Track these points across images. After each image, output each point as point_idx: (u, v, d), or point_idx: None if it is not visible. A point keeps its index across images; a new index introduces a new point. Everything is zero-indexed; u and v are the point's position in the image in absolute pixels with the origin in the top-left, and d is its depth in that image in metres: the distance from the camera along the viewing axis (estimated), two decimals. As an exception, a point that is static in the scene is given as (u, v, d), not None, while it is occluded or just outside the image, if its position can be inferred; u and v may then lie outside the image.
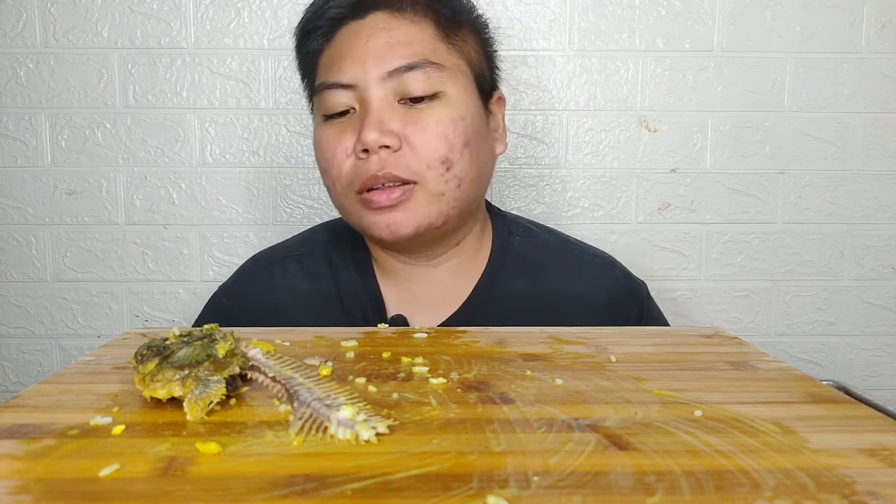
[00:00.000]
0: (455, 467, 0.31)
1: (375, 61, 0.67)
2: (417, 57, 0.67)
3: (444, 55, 0.69)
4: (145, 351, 0.40)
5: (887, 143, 1.09)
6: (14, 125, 1.05)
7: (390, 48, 0.67)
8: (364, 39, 0.68)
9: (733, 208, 1.09)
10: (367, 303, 0.75)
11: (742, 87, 1.07)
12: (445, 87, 0.68)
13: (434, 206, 0.67)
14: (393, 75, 0.66)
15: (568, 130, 1.07)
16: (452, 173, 0.67)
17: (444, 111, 0.67)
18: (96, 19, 1.03)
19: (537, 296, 0.75)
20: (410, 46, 0.67)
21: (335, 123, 0.69)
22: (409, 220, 0.67)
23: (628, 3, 1.05)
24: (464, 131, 0.68)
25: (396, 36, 0.68)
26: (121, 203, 1.07)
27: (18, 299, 1.08)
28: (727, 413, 0.39)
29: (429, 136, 0.66)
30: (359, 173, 0.67)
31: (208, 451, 0.33)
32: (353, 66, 0.67)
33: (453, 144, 0.67)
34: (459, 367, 0.47)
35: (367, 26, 0.68)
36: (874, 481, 0.30)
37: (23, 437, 0.35)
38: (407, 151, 0.66)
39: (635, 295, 0.79)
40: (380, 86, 0.67)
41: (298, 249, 0.80)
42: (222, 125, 1.06)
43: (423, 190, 0.67)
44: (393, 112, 0.67)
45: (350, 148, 0.67)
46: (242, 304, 0.78)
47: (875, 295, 1.12)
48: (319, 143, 0.70)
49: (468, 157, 0.68)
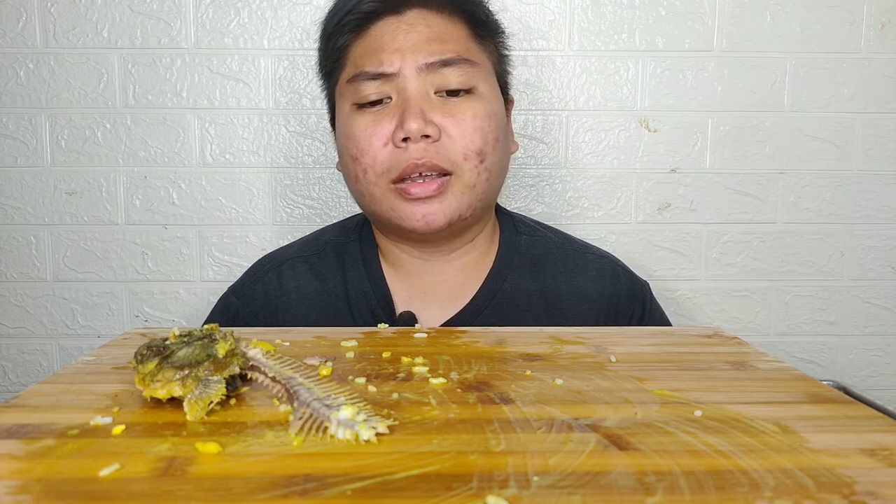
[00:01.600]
0: (455, 467, 0.31)
1: (415, 52, 0.69)
2: (454, 53, 0.70)
3: (476, 53, 0.72)
4: (145, 351, 0.40)
5: (887, 143, 1.09)
6: (14, 125, 1.05)
7: (428, 42, 0.69)
8: (403, 32, 0.70)
9: (733, 208, 1.09)
10: (376, 300, 0.75)
11: (742, 87, 1.07)
12: (478, 84, 0.71)
13: (466, 198, 0.69)
14: (431, 68, 0.69)
15: (568, 130, 1.07)
16: (485, 166, 0.70)
17: (480, 105, 0.70)
18: (96, 19, 1.03)
19: (542, 293, 0.76)
20: (447, 43, 0.70)
21: (369, 112, 0.70)
22: (445, 210, 0.68)
23: (628, 3, 1.05)
24: (496, 126, 0.71)
25: (434, 31, 0.70)
26: (121, 203, 1.07)
27: (18, 299, 1.08)
28: (727, 413, 0.39)
29: (467, 128, 0.68)
30: (397, 162, 0.68)
31: (208, 451, 0.33)
32: (393, 56, 0.69)
33: (488, 138, 0.69)
34: (459, 367, 0.47)
35: (406, 21, 0.70)
36: (874, 481, 0.30)
37: (23, 437, 0.35)
38: (446, 141, 0.68)
39: (638, 293, 0.80)
40: (418, 77, 0.69)
41: (307, 250, 0.81)
42: (222, 125, 1.06)
43: (459, 181, 0.69)
44: (432, 103, 0.69)
45: (387, 136, 0.68)
46: (252, 304, 0.78)
47: (875, 295, 1.12)
48: (351, 131, 0.70)
49: (498, 151, 0.71)
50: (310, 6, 1.04)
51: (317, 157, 1.07)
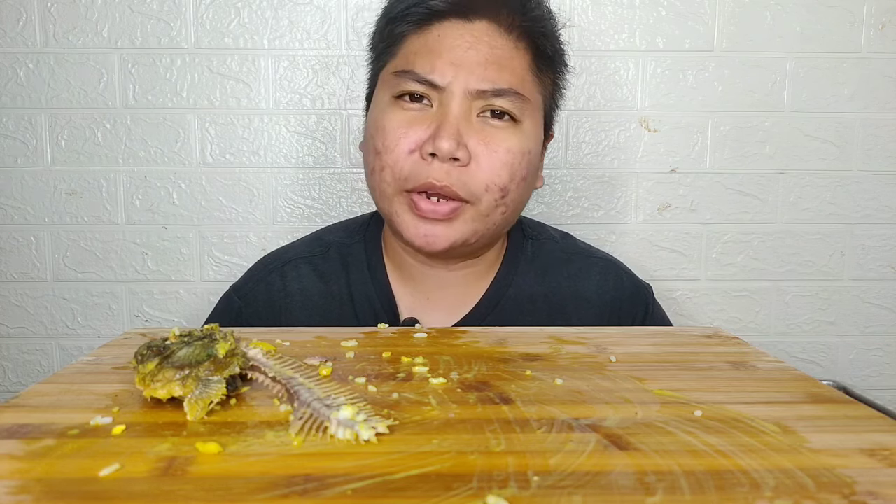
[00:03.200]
0: (455, 467, 0.31)
1: (470, 73, 0.65)
2: (508, 84, 0.66)
3: (530, 89, 0.69)
4: (145, 351, 0.40)
5: (887, 143, 1.09)
6: (14, 125, 1.05)
7: (487, 66, 0.66)
8: (465, 46, 0.66)
9: (733, 208, 1.09)
10: (380, 304, 0.74)
11: (742, 87, 1.07)
12: (524, 118, 0.68)
13: (476, 225, 0.67)
14: (481, 95, 0.66)
15: (568, 130, 1.07)
16: (504, 201, 0.67)
17: (517, 140, 0.67)
18: (96, 19, 1.03)
19: (546, 298, 0.76)
20: (505, 72, 0.66)
21: (406, 108, 0.67)
22: (449, 236, 0.66)
23: (628, 3, 1.05)
24: (527, 165, 0.68)
25: (496, 55, 0.66)
26: (121, 203, 1.07)
27: (18, 299, 1.08)
28: (727, 413, 0.39)
29: (497, 162, 0.66)
30: (416, 174, 0.65)
31: (208, 451, 0.33)
32: (448, 68, 0.66)
33: (515, 175, 0.67)
34: (459, 367, 0.47)
35: (472, 32, 0.67)
36: (874, 481, 0.30)
37: (23, 437, 0.35)
38: (473, 168, 0.65)
39: (640, 297, 0.80)
40: (466, 98, 0.66)
41: (311, 250, 0.79)
42: (222, 125, 1.06)
43: (473, 210, 0.67)
44: (470, 126, 0.66)
45: (416, 142, 0.65)
46: (255, 304, 0.77)
47: (875, 295, 1.12)
48: (383, 124, 0.67)
49: (522, 189, 0.69)
50: (310, 6, 1.04)
51: (317, 157, 1.07)
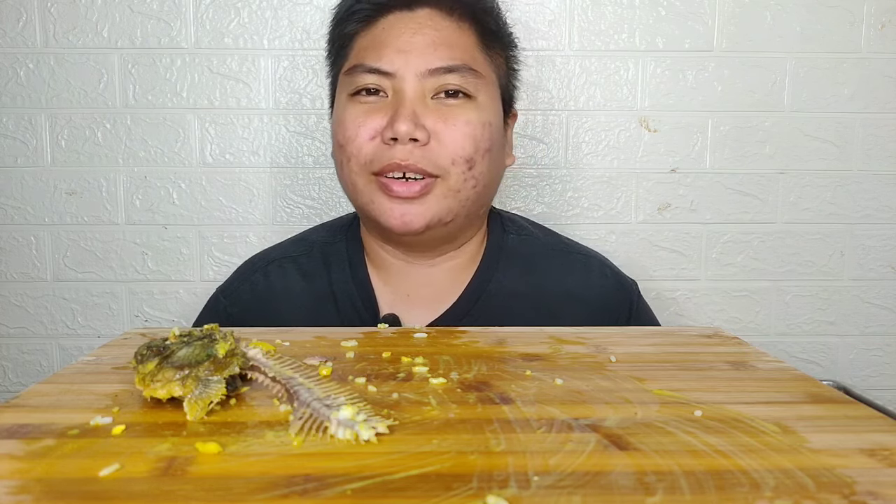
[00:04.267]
0: (455, 467, 0.31)
1: (419, 56, 0.68)
2: (459, 61, 0.68)
3: (481, 64, 0.71)
4: (145, 351, 0.40)
5: (887, 143, 1.09)
6: (14, 125, 1.05)
7: (435, 47, 0.68)
8: (410, 32, 0.69)
9: (733, 208, 1.09)
10: (360, 301, 0.75)
11: (742, 87, 1.07)
12: (478, 94, 0.69)
13: (448, 202, 0.69)
14: (433, 74, 0.68)
15: (568, 130, 1.07)
16: (472, 174, 0.69)
17: (475, 113, 0.69)
18: (96, 19, 1.03)
19: (528, 294, 0.76)
20: (454, 49, 0.69)
21: (363, 102, 0.69)
22: (424, 213, 0.68)
23: (628, 3, 1.05)
24: (490, 136, 0.70)
25: (442, 36, 0.69)
26: (121, 203, 1.07)
27: (18, 299, 1.08)
28: (727, 413, 0.39)
29: (458, 134, 0.67)
30: (380, 157, 0.67)
31: (208, 451, 0.33)
32: (396, 55, 0.68)
33: (479, 146, 0.68)
34: (459, 367, 0.47)
35: (416, 20, 0.69)
36: (874, 481, 0.30)
37: (23, 437, 0.35)
38: (434, 146, 0.67)
39: (624, 293, 0.80)
40: (418, 80, 0.68)
41: (295, 250, 0.80)
42: (222, 125, 1.06)
43: (443, 184, 0.68)
44: (426, 108, 0.68)
45: (375, 130, 0.68)
46: (240, 305, 0.78)
47: (875, 295, 1.12)
48: (342, 119, 0.70)
49: (489, 161, 0.70)
50: (310, 6, 1.04)
51: (317, 157, 1.07)
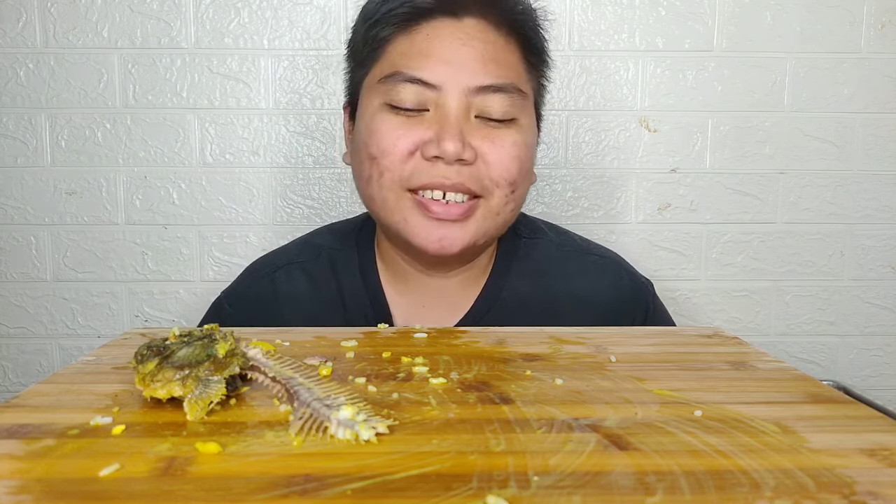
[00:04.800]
0: (455, 467, 0.31)
1: (468, 71, 0.64)
2: (508, 80, 0.65)
3: (525, 83, 0.68)
4: (145, 351, 0.40)
5: (887, 143, 1.09)
6: (14, 125, 1.05)
7: (484, 62, 0.64)
8: (458, 44, 0.64)
9: (733, 208, 1.09)
10: (372, 310, 0.73)
11: (742, 87, 1.07)
12: (522, 115, 0.67)
13: (487, 224, 0.66)
14: (480, 91, 0.64)
15: (568, 130, 1.07)
16: (514, 196, 0.67)
17: (520, 136, 0.66)
18: (96, 19, 1.03)
19: (542, 299, 0.74)
20: (503, 67, 0.65)
21: (401, 115, 0.65)
22: (465, 237, 0.65)
23: (628, 3, 1.05)
24: (530, 159, 0.68)
25: (492, 51, 0.65)
26: (121, 203, 1.07)
27: (18, 299, 1.08)
28: (727, 413, 0.39)
29: (505, 156, 0.65)
30: (420, 174, 0.64)
31: (208, 451, 0.33)
32: (443, 67, 0.64)
33: (523, 169, 0.66)
34: (459, 367, 0.47)
35: (464, 31, 0.65)
36: (874, 481, 0.30)
37: (23, 437, 0.35)
38: (481, 166, 0.64)
39: (640, 295, 0.78)
40: (464, 96, 0.64)
41: (302, 255, 0.77)
42: (222, 125, 1.06)
43: (486, 206, 0.66)
44: (471, 126, 0.64)
45: (416, 144, 0.64)
46: (245, 311, 0.76)
47: (875, 295, 1.12)
48: (376, 128, 0.65)
49: (527, 184, 0.69)
50: (310, 6, 1.04)
51: (317, 157, 1.07)
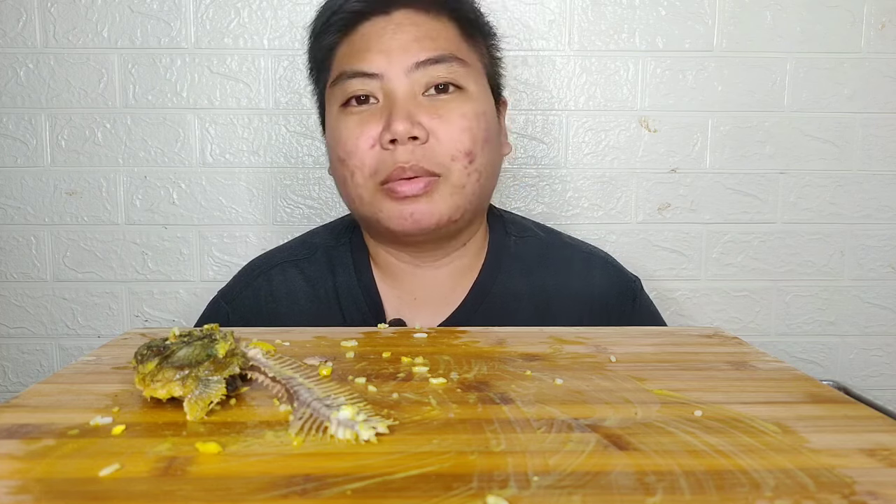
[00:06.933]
0: (455, 467, 0.31)
1: (403, 52, 0.68)
2: (444, 51, 0.69)
3: (466, 53, 0.71)
4: (145, 351, 0.40)
5: (887, 143, 1.09)
6: (14, 125, 1.05)
7: (417, 41, 0.68)
8: (390, 32, 0.69)
9: (733, 208, 1.09)
10: (366, 305, 0.75)
11: (742, 87, 1.07)
12: (468, 84, 0.70)
13: (455, 199, 0.68)
14: (419, 67, 0.67)
15: (568, 130, 1.07)
16: (474, 167, 0.69)
17: (468, 105, 0.69)
18: (96, 19, 1.03)
19: (533, 294, 0.76)
20: (437, 41, 0.69)
21: (355, 113, 0.69)
22: (433, 210, 0.67)
23: (628, 3, 1.05)
24: (486, 126, 0.70)
25: (423, 31, 0.69)
26: (121, 203, 1.07)
27: (18, 299, 1.08)
28: (727, 413, 0.39)
29: (454, 129, 0.67)
30: (384, 164, 0.67)
31: (208, 451, 0.33)
32: (379, 56, 0.68)
33: (476, 138, 0.68)
34: (459, 367, 0.47)
35: (394, 21, 0.69)
36: (874, 481, 0.30)
37: (23, 437, 0.35)
38: (434, 143, 0.67)
39: (626, 288, 0.80)
40: (406, 77, 0.68)
41: (298, 253, 0.79)
42: (222, 125, 1.06)
43: (447, 182, 0.68)
44: (419, 105, 0.68)
45: (374, 138, 0.67)
46: (242, 309, 0.77)
47: (875, 295, 1.12)
48: (338, 133, 0.70)
49: (488, 152, 0.70)
50: (310, 6, 1.04)
51: (317, 157, 1.07)
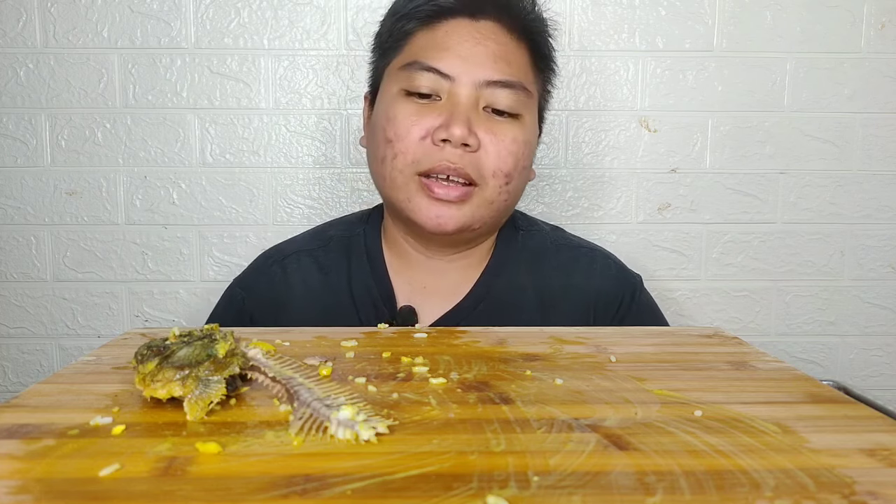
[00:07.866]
0: (455, 467, 0.31)
1: (479, 65, 0.70)
2: (516, 78, 0.71)
3: (531, 83, 0.74)
4: (145, 351, 0.40)
5: (887, 143, 1.09)
6: (14, 125, 1.05)
7: (495, 60, 0.71)
8: (473, 41, 0.71)
9: (733, 208, 1.09)
10: (378, 293, 0.77)
11: (742, 87, 1.07)
12: (525, 112, 0.73)
13: (482, 211, 0.72)
14: (490, 85, 0.70)
15: (568, 130, 1.07)
16: (508, 188, 0.72)
17: (521, 132, 0.72)
18: (96, 19, 1.03)
19: (537, 287, 0.79)
20: (512, 66, 0.72)
21: (415, 102, 0.71)
22: (459, 218, 0.70)
23: (628, 3, 1.05)
24: (528, 155, 0.74)
25: (503, 51, 0.72)
26: (121, 203, 1.07)
27: (18, 299, 1.08)
28: (727, 413, 0.39)
29: (503, 149, 0.70)
30: (429, 157, 0.69)
31: (208, 451, 0.33)
32: (457, 60, 0.70)
33: (518, 163, 0.72)
34: (459, 367, 0.47)
35: (480, 30, 0.72)
36: (874, 481, 0.30)
37: (23, 437, 0.35)
38: (482, 155, 0.70)
39: (627, 285, 0.82)
40: (475, 89, 0.70)
41: (312, 243, 0.82)
42: (222, 125, 1.06)
43: (481, 194, 0.71)
44: (479, 116, 0.70)
45: (427, 130, 0.69)
46: (257, 296, 0.80)
47: (875, 295, 1.12)
48: (394, 114, 0.71)
49: (523, 178, 0.74)
50: (310, 6, 1.04)
51: (317, 157, 1.07)
